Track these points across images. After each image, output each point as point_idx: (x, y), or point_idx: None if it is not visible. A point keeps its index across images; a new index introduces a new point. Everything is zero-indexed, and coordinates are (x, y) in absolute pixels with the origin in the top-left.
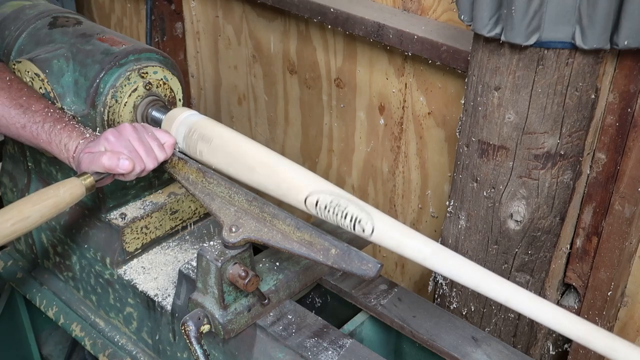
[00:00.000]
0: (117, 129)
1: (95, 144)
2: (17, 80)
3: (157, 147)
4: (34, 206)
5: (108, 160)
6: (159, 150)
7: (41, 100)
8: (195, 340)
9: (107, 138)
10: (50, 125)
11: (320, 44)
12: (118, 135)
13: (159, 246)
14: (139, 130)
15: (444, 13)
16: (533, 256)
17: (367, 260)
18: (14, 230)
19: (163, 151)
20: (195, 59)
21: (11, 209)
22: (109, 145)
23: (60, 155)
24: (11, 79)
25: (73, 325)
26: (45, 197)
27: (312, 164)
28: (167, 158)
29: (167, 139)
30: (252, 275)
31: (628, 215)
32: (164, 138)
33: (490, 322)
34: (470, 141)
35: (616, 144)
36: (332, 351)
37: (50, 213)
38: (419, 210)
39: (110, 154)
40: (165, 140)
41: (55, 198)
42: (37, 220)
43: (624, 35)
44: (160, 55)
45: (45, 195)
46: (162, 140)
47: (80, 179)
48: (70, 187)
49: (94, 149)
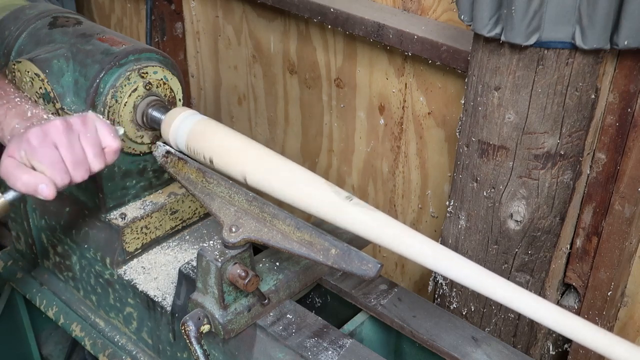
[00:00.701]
0: (43, 129)
1: (15, 143)
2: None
3: (92, 155)
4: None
5: (24, 187)
6: (95, 158)
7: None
8: (195, 340)
9: (29, 140)
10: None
11: (320, 44)
12: (43, 138)
13: (159, 246)
14: (73, 131)
15: (444, 13)
16: (533, 256)
17: (367, 260)
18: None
19: (101, 159)
20: (195, 59)
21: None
22: (29, 150)
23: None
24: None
25: (73, 325)
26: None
27: (312, 164)
28: (106, 167)
29: (110, 143)
30: (252, 275)
31: (628, 215)
32: (107, 140)
33: (490, 322)
34: (470, 141)
35: (616, 144)
36: (332, 351)
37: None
38: (419, 210)
39: (27, 177)
40: (107, 144)
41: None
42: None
43: (624, 35)
44: (160, 55)
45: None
46: (104, 144)
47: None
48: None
49: (15, 152)
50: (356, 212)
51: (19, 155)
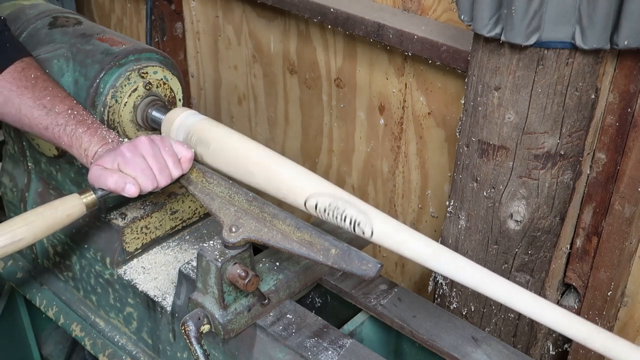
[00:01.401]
0: (134, 144)
1: (109, 157)
2: (43, 77)
3: (172, 164)
4: (28, 228)
5: (114, 184)
6: (174, 167)
7: (66, 100)
8: (195, 340)
9: (122, 153)
10: (72, 128)
11: (320, 44)
12: (134, 150)
13: (159, 246)
14: (156, 145)
15: (444, 13)
16: (533, 256)
17: (367, 260)
18: (4, 252)
19: (179, 167)
20: (195, 59)
21: (4, 230)
22: (123, 161)
23: (81, 159)
24: (37, 76)
25: (73, 325)
26: (42, 219)
27: (312, 164)
28: (184, 174)
29: (185, 153)
30: (252, 275)
31: (628, 215)
32: (181, 152)
33: (490, 322)
34: (470, 141)
35: (616, 144)
36: (332, 351)
37: (44, 234)
38: (419, 210)
39: (117, 177)
40: (182, 154)
41: (52, 219)
42: (29, 241)
43: (624, 35)
44: (160, 55)
45: (42, 216)
46: (180, 155)
47: (82, 197)
48: (69, 207)
49: (106, 162)
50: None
51: (111, 165)
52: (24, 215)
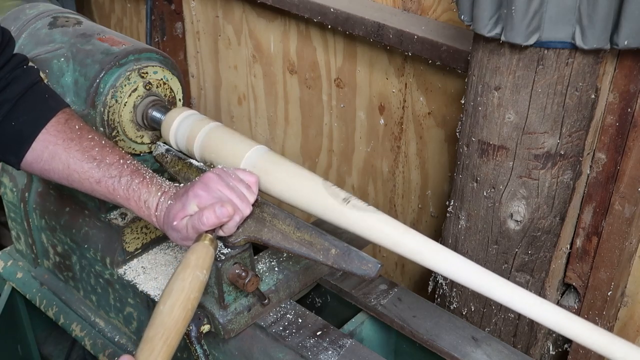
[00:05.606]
0: (203, 182)
1: (182, 204)
2: (86, 127)
3: (245, 190)
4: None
5: (208, 219)
6: (249, 193)
7: (114, 150)
8: (195, 340)
9: (197, 194)
10: (128, 180)
11: (320, 44)
12: (206, 189)
13: (159, 246)
14: (224, 177)
15: (444, 13)
16: (533, 256)
17: (367, 260)
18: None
19: (252, 192)
20: (195, 59)
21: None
22: (201, 202)
23: (140, 212)
24: (80, 127)
25: (73, 325)
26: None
27: (312, 164)
28: (256, 198)
29: (251, 178)
30: (252, 275)
31: (628, 215)
32: (247, 178)
33: (490, 322)
34: (470, 141)
35: (616, 144)
36: (332, 351)
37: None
38: (419, 210)
39: (207, 211)
40: (249, 180)
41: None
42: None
43: (624, 35)
44: (160, 55)
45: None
46: (247, 181)
47: (204, 243)
48: (204, 264)
49: (185, 210)
50: (354, 214)
51: (190, 211)
52: (164, 300)
